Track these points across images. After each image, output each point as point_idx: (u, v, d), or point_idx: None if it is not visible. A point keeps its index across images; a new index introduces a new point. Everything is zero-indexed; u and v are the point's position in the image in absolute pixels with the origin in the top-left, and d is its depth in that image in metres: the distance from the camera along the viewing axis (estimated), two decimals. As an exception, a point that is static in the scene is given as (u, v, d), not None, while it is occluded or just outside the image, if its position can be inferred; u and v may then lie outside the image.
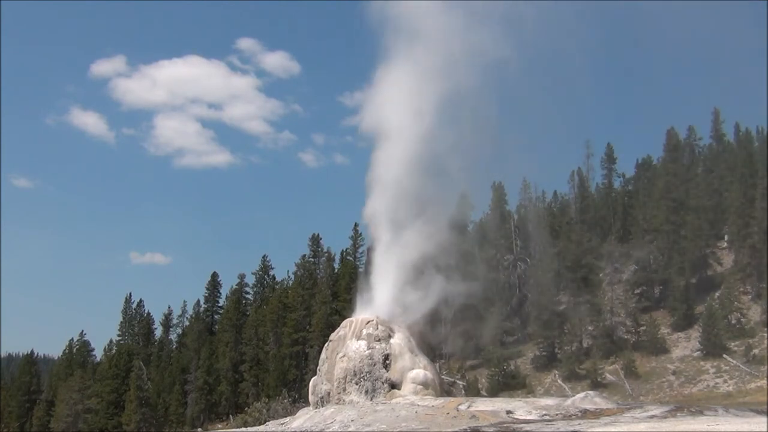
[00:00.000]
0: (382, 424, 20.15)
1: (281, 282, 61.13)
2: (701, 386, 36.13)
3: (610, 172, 60.90)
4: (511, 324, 49.90)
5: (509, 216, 55.38)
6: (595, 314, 44.59)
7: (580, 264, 46.29)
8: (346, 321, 28.06)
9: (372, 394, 24.85)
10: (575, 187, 62.13)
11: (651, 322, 42.14)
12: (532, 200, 62.45)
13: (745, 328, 39.53)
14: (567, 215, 58.70)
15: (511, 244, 53.43)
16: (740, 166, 46.97)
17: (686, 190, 48.49)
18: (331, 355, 26.74)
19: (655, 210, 47.81)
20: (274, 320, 51.86)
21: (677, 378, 37.67)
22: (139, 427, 49.66)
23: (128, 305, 65.91)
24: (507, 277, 52.17)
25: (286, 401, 39.42)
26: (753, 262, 42.32)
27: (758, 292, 41.25)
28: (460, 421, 19.96)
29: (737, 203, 44.76)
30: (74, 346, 66.16)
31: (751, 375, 35.17)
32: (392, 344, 25.98)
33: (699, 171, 55.67)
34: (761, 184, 42.59)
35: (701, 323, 39.81)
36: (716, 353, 38.02)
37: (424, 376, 25.45)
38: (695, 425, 16.57)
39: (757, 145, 53.64)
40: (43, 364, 78.48)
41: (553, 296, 48.69)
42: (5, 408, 59.10)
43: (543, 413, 20.88)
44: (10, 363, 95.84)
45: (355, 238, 56.17)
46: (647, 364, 39.92)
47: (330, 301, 48.81)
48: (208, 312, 62.65)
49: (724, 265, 47.09)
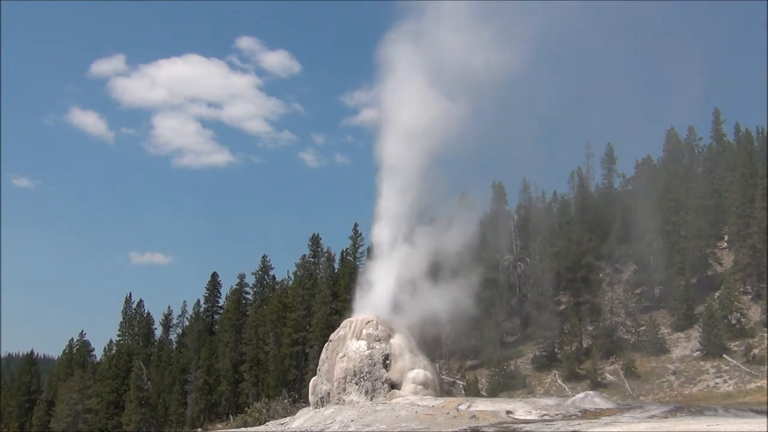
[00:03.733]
0: (382, 424, 20.16)
1: (281, 282, 61.19)
2: (701, 386, 36.10)
3: (610, 172, 60.93)
4: (511, 324, 49.88)
5: (509, 216, 55.37)
6: (595, 314, 44.59)
7: (580, 264, 46.27)
8: (346, 321, 28.08)
9: (372, 394, 24.86)
10: (575, 187, 62.11)
11: (651, 322, 42.12)
12: (532, 200, 62.48)
13: (745, 328, 39.51)
14: (567, 215, 58.65)
15: (511, 244, 53.40)
16: (740, 166, 46.92)
17: (686, 190, 48.45)
18: (331, 355, 26.76)
19: (655, 210, 47.77)
20: (274, 320, 51.85)
21: (677, 378, 37.65)
22: (139, 427, 49.65)
23: (128, 305, 65.91)
24: (507, 277, 52.12)
25: (286, 401, 39.47)
26: (753, 262, 42.28)
27: (758, 292, 41.24)
28: (460, 421, 19.98)
29: (737, 203, 44.73)
30: (74, 346, 66.18)
31: (751, 375, 35.14)
32: (392, 344, 26.00)
33: (699, 171, 55.63)
34: (761, 184, 42.57)
35: (701, 323, 39.78)
36: (716, 353, 37.99)
37: (424, 376, 25.47)
38: (695, 425, 16.58)
39: (757, 145, 53.63)
40: (43, 364, 78.42)
41: (553, 296, 48.68)
42: (5, 408, 59.07)
43: (543, 413, 20.90)
44: (10, 363, 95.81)
45: (355, 238, 56.22)
46: (647, 364, 39.90)
47: (330, 301, 48.81)
48: (208, 312, 62.68)
49: (724, 265, 47.06)
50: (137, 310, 66.07)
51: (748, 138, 56.67)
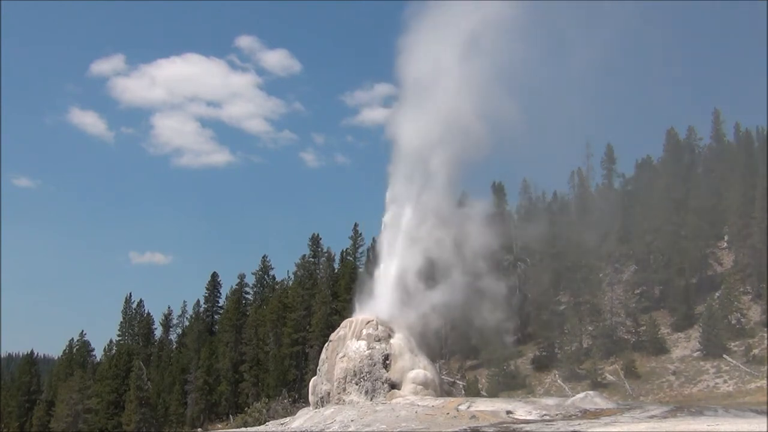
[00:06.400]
0: (382, 424, 20.16)
1: (281, 282, 61.20)
2: (701, 386, 36.11)
3: (610, 172, 60.93)
4: (511, 324, 49.83)
5: (509, 216, 55.33)
6: (595, 314, 44.59)
7: (580, 264, 46.28)
8: (346, 321, 28.10)
9: (372, 394, 24.87)
10: (575, 187, 62.17)
11: (651, 322, 42.13)
12: (532, 200, 62.47)
13: (745, 328, 39.52)
14: (567, 215, 58.63)
15: (511, 244, 53.35)
16: (740, 166, 46.95)
17: (686, 190, 48.46)
18: (331, 355, 26.77)
19: (655, 210, 47.77)
20: (274, 320, 51.85)
21: (677, 378, 37.65)
22: (139, 427, 49.64)
23: (128, 305, 65.90)
24: (507, 277, 52.07)
25: (286, 401, 39.48)
26: (753, 262, 42.30)
27: (758, 292, 41.22)
28: (460, 421, 19.98)
29: (737, 203, 44.75)
30: (74, 346, 66.18)
31: (751, 375, 35.15)
32: (392, 344, 26.01)
33: (699, 171, 55.63)
34: (761, 184, 42.56)
35: (701, 323, 39.79)
36: (716, 353, 37.99)
37: (424, 376, 25.48)
38: (695, 425, 16.60)
39: (757, 145, 53.60)
40: (43, 364, 78.40)
41: (553, 296, 48.68)
42: (5, 408, 59.06)
43: (543, 413, 20.91)
44: (10, 363, 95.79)
45: (355, 238, 56.24)
46: (647, 364, 39.92)
47: (330, 301, 48.82)
48: (208, 312, 62.67)
49: (724, 265, 47.08)
50: (137, 310, 66.08)
51: (748, 138, 56.60)
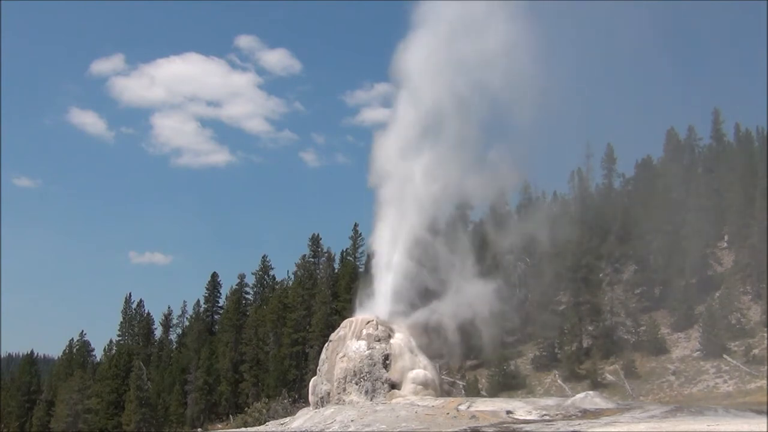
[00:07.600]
0: (382, 424, 20.17)
1: (281, 282, 61.18)
2: (701, 386, 36.10)
3: (610, 172, 60.77)
4: (511, 324, 49.81)
5: (509, 216, 55.28)
6: (595, 314, 44.55)
7: (580, 264, 46.24)
8: (346, 321, 28.10)
9: (372, 394, 24.88)
10: (575, 187, 62.06)
11: (651, 322, 42.10)
12: (532, 200, 62.39)
13: (745, 328, 39.49)
14: (567, 215, 58.58)
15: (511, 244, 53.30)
16: (740, 166, 46.93)
17: (686, 190, 48.45)
18: (331, 355, 26.77)
19: (655, 210, 47.75)
20: (274, 320, 51.85)
21: (677, 378, 37.64)
22: (139, 427, 49.65)
23: (128, 305, 65.85)
24: (507, 277, 52.06)
25: (286, 401, 39.51)
26: (753, 262, 42.27)
27: (758, 292, 41.19)
28: (460, 421, 19.99)
29: (737, 203, 44.73)
30: (74, 346, 66.12)
31: (751, 375, 35.12)
32: (392, 344, 26.02)
33: (699, 171, 55.61)
34: (761, 184, 42.55)
35: (701, 323, 39.78)
36: (716, 353, 37.95)
37: (424, 376, 25.50)
38: (695, 425, 16.60)
39: (757, 145, 53.59)
40: (43, 364, 78.40)
41: (553, 296, 48.64)
42: (5, 408, 59.06)
43: (543, 413, 20.92)
44: (10, 363, 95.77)
45: (355, 238, 56.19)
46: (647, 364, 39.89)
47: (330, 301, 48.82)
48: (208, 312, 62.61)
49: (724, 265, 47.05)
50: (137, 310, 66.03)
51: (748, 138, 56.61)
